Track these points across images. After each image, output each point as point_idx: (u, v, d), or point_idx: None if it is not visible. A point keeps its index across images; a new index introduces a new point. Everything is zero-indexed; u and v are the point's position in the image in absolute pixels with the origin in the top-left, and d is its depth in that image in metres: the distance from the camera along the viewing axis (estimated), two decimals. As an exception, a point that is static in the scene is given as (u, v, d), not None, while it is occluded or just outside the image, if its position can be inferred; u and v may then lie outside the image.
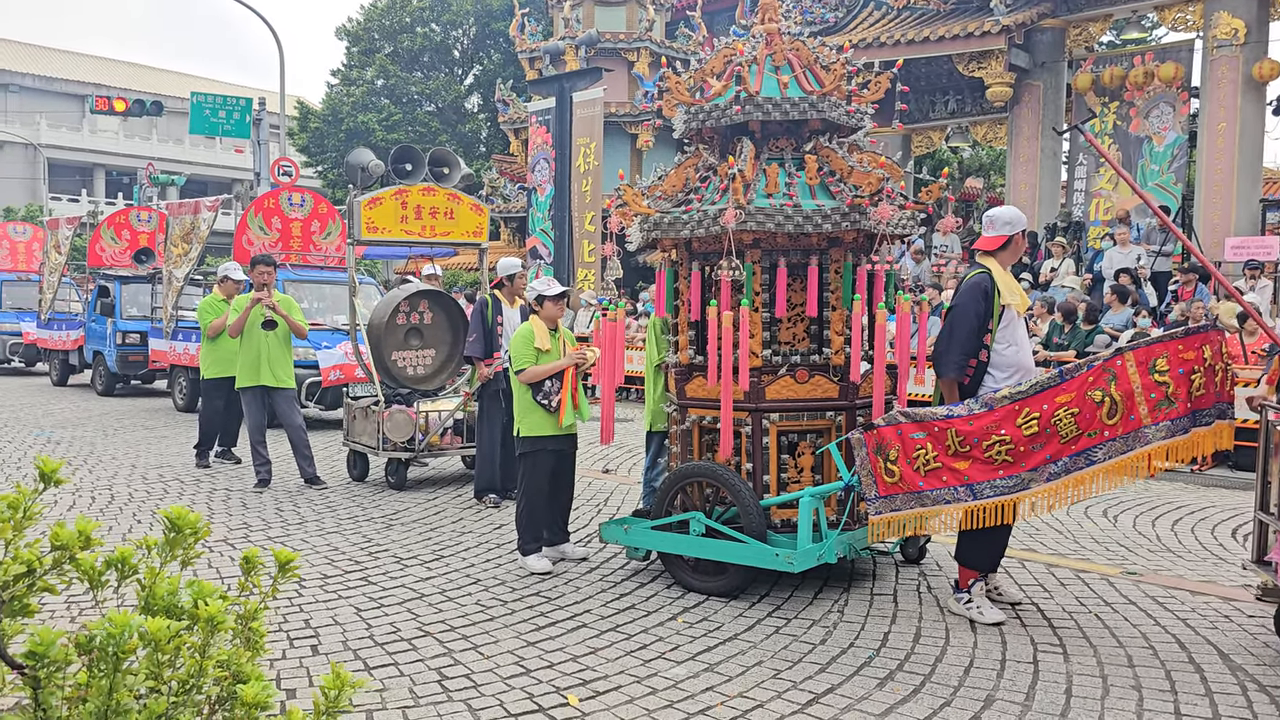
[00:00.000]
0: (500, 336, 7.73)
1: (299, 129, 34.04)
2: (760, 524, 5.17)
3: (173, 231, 14.60)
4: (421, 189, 8.77)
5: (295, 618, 5.03)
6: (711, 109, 5.55)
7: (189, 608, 1.68)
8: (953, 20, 16.78)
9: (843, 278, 5.50)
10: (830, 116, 5.47)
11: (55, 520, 6.85)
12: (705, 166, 5.77)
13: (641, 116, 22.05)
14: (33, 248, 21.22)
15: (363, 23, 34.13)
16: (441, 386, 9.05)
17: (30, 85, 49.93)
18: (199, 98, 22.72)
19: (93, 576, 1.69)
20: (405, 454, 8.33)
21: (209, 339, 9.37)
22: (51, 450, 10.21)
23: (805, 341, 5.62)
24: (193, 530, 1.76)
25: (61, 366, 17.62)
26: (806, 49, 5.72)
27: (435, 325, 9.07)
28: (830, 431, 5.50)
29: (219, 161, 50.49)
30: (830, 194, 5.39)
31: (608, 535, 5.80)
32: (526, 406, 5.97)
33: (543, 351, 5.95)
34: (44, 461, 1.69)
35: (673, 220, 5.48)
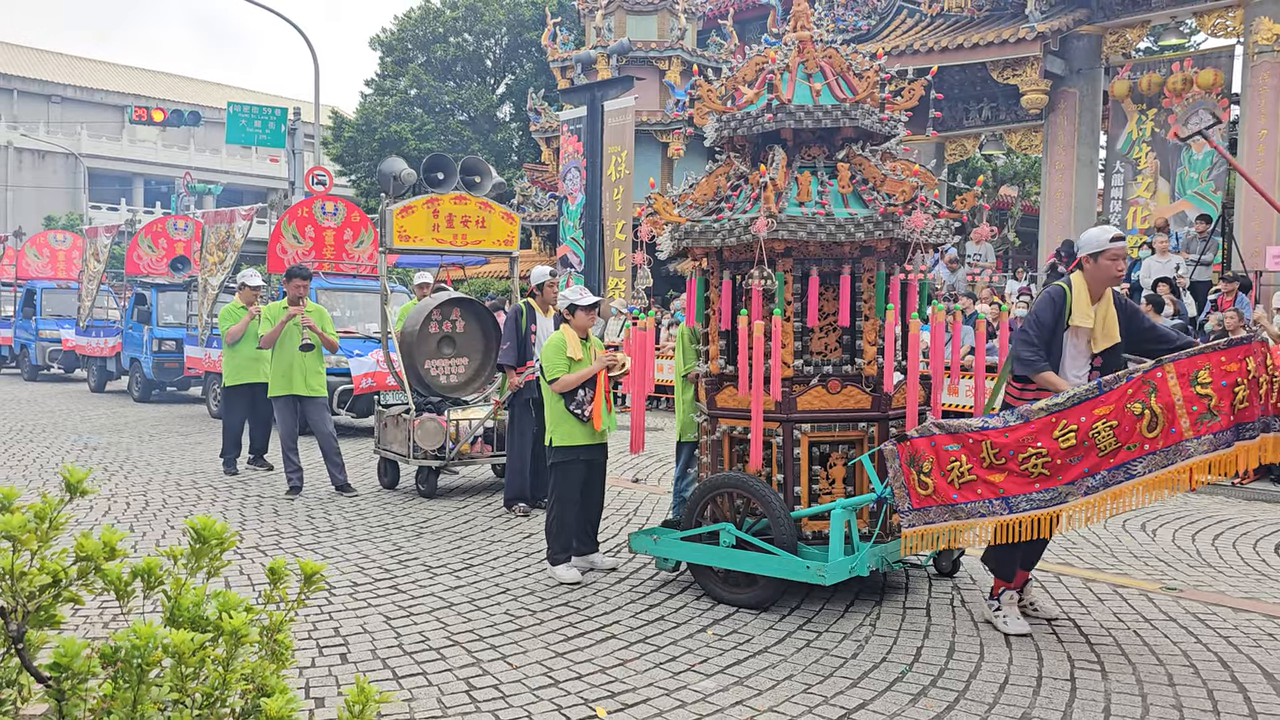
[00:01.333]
0: (534, 345, 7.72)
1: (333, 138, 34.35)
2: (791, 536, 5.11)
3: (208, 240, 14.76)
4: (453, 198, 8.77)
5: (325, 625, 5.04)
6: (743, 117, 5.51)
7: (214, 619, 1.67)
8: (987, 27, 16.64)
9: (875, 287, 5.44)
10: (863, 124, 5.42)
11: (89, 526, 6.92)
12: (736, 175, 5.73)
13: (673, 125, 22.04)
14: (72, 256, 21.55)
15: (396, 33, 34.41)
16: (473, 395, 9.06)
17: (72, 96, 50.89)
18: (235, 108, 23.01)
19: (119, 587, 1.68)
20: (436, 462, 8.33)
21: (229, 346, 9.41)
22: (89, 456, 10.34)
23: (837, 352, 5.56)
24: (219, 540, 1.75)
25: (99, 373, 17.86)
26: (839, 56, 5.67)
27: (468, 334, 9.06)
28: (862, 443, 5.44)
29: (255, 171, 51.12)
30: (863, 202, 5.35)
31: (637, 546, 5.76)
32: (559, 416, 5.95)
33: (575, 361, 5.92)
34: (71, 472, 1.68)
35: (704, 229, 5.46)
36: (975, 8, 17.22)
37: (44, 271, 21.64)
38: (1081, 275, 4.94)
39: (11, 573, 1.50)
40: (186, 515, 7.57)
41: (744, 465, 5.56)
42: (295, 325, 8.41)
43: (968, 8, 17.24)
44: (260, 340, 8.45)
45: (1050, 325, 4.86)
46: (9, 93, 49.24)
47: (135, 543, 6.67)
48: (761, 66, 5.74)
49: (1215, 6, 15.15)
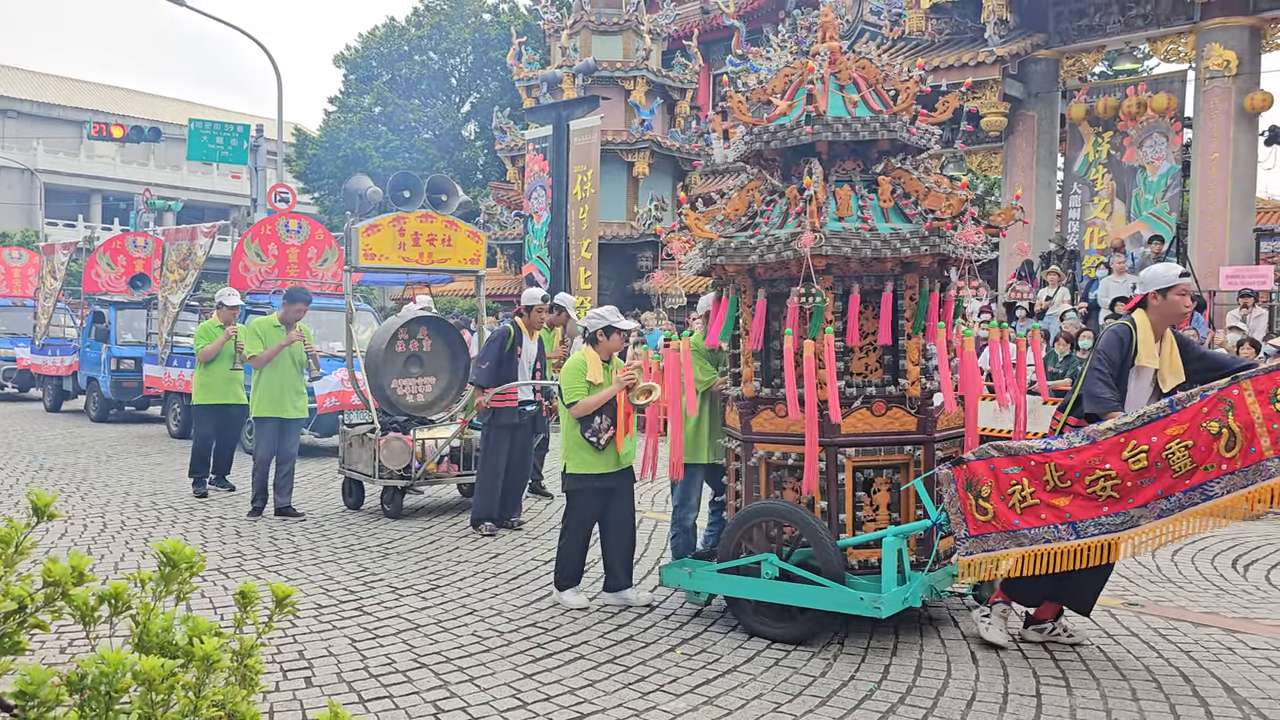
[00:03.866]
0: (517, 368, 7.64)
1: (296, 156, 34.14)
2: (840, 566, 4.88)
3: (169, 257, 14.58)
4: (419, 215, 8.70)
5: (289, 649, 4.97)
6: (776, 129, 5.29)
7: (184, 645, 1.64)
8: (947, 51, 16.90)
9: (918, 304, 5.24)
10: (901, 136, 5.27)
11: (47, 550, 6.77)
12: (769, 190, 5.54)
13: (638, 145, 22.14)
14: (28, 273, 21.18)
15: (361, 50, 34.32)
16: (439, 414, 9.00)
17: (28, 111, 50.07)
18: (197, 124, 22.80)
19: (86, 612, 1.65)
20: (401, 482, 8.24)
21: (202, 364, 9.28)
22: (44, 478, 10.14)
23: (878, 372, 5.35)
24: (188, 564, 1.72)
25: (55, 392, 17.55)
26: (873, 67, 5.51)
27: (435, 353, 8.99)
28: (908, 466, 5.21)
29: (216, 188, 50.59)
30: (905, 217, 5.18)
31: (669, 579, 5.50)
32: (574, 443, 5.70)
33: (594, 385, 5.67)
34: (38, 495, 1.65)
35: (739, 245, 5.20)
36: (935, 31, 17.49)
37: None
38: (1145, 313, 4.83)
39: (-24, 599, 1.47)
40: (146, 537, 7.45)
41: (781, 492, 5.36)
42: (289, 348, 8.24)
43: (928, 31, 17.50)
44: (252, 361, 8.22)
45: (1118, 364, 4.76)
46: (-37, 107, 48.46)
47: (93, 565, 6.51)
48: (790, 78, 5.58)
49: (1168, 33, 15.50)
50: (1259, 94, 14.67)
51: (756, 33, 22.88)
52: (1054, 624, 5.05)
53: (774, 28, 19.69)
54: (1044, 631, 5.05)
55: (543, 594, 6.04)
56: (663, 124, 23.25)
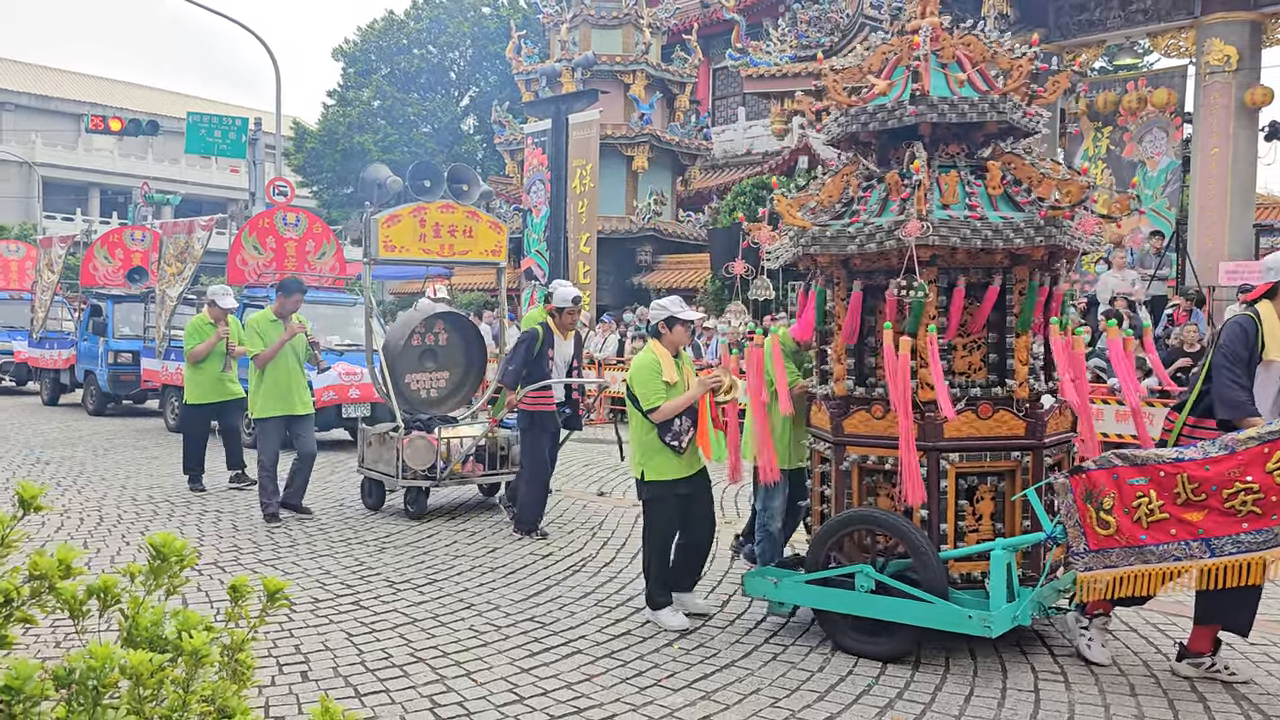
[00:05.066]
0: (550, 370, 7.42)
1: (295, 149, 34.07)
2: (943, 580, 4.56)
3: (166, 251, 14.54)
4: (440, 206, 8.39)
5: (285, 643, 4.95)
6: (875, 110, 4.93)
7: (173, 639, 1.62)
8: (947, 45, 16.86)
9: (1027, 299, 4.89)
10: (1011, 119, 4.89)
11: (42, 543, 6.75)
12: (865, 175, 5.18)
13: (638, 139, 22.10)
14: (25, 266, 21.12)
15: (359, 44, 34.24)
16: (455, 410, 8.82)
17: (26, 104, 49.96)
18: (195, 117, 22.74)
19: (74, 606, 1.63)
20: (426, 482, 7.96)
21: (191, 363, 9.13)
22: (41, 470, 10.12)
23: (982, 372, 4.98)
24: (179, 558, 1.70)
25: (52, 385, 17.51)
26: (979, 44, 5.15)
27: (450, 347, 8.78)
28: (1015, 474, 4.86)
29: (214, 181, 50.53)
30: (1015, 205, 4.84)
31: (753, 589, 5.12)
32: (651, 448, 5.29)
33: (671, 385, 5.25)
34: (24, 487, 1.63)
35: (835, 234, 4.83)
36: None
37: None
38: (1271, 303, 4.52)
39: (-39, 592, 1.44)
40: (143, 531, 7.42)
41: (875, 499, 5.00)
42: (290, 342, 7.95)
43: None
44: (254, 359, 7.85)
45: (1246, 360, 4.44)
46: (-40, 100, 48.37)
47: (89, 559, 6.52)
48: (887, 56, 5.23)
49: (1168, 28, 15.46)
50: (1259, 89, 14.63)
51: (756, 26, 22.85)
52: (1213, 658, 4.54)
53: (774, 21, 19.64)
54: (1201, 666, 4.54)
55: (540, 588, 6.02)
56: (662, 118, 23.21)
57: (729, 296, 18.60)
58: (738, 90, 26.31)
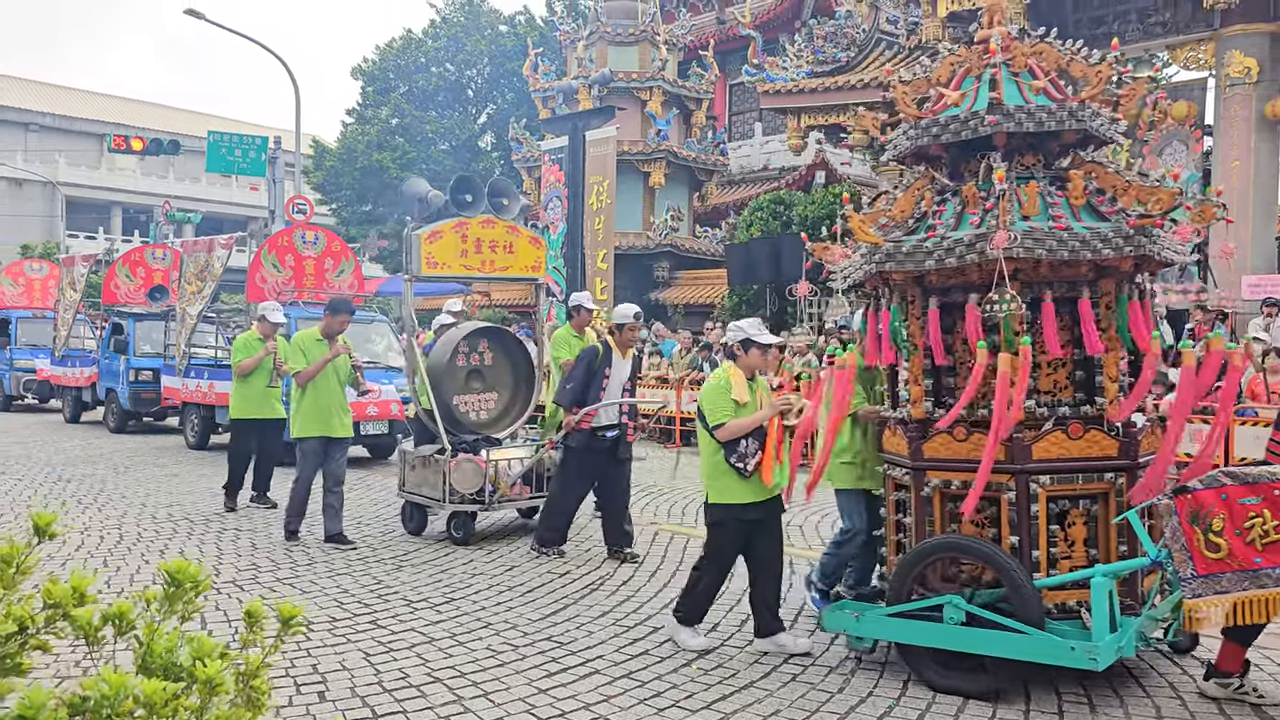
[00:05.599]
0: (604, 390, 7.20)
1: (314, 167, 34.33)
2: (1039, 610, 4.31)
3: (187, 269, 14.67)
4: (481, 221, 8.17)
5: (303, 663, 4.95)
6: (948, 121, 4.80)
7: (188, 666, 1.61)
8: (964, 59, 16.85)
9: (1116, 312, 4.72)
10: (1090, 127, 4.75)
11: (62, 562, 6.77)
12: (938, 189, 5.04)
13: (654, 155, 22.14)
14: (49, 285, 21.35)
15: (378, 63, 34.51)
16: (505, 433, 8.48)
17: (50, 124, 50.61)
18: (216, 136, 22.94)
19: (89, 633, 1.63)
20: (473, 506, 7.68)
21: (239, 378, 9.08)
22: (62, 488, 10.18)
23: (1068, 390, 4.80)
24: (193, 584, 1.69)
25: (74, 403, 17.64)
26: (1053, 52, 4.99)
27: (496, 366, 8.49)
28: (1108, 496, 4.65)
29: (235, 199, 50.96)
30: (1098, 215, 4.67)
31: (833, 624, 4.88)
32: (717, 469, 5.15)
33: (741, 405, 5.11)
34: (39, 515, 1.63)
35: (911, 250, 4.64)
36: (953, 40, 17.42)
37: (19, 300, 21.42)
38: None
39: (-25, 621, 1.44)
40: (162, 550, 7.45)
41: (959, 526, 4.76)
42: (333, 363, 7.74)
43: (945, 40, 17.44)
44: (296, 376, 7.68)
45: None
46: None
47: (109, 578, 6.54)
48: (956, 66, 5.09)
49: (1187, 40, 15.39)
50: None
51: (773, 42, 22.90)
52: (1241, 679, 4.43)
53: (790, 37, 19.67)
54: (1229, 688, 4.41)
55: (558, 607, 6.00)
56: (679, 134, 23.27)
57: (746, 312, 18.57)
58: (754, 106, 26.35)
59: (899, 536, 5.06)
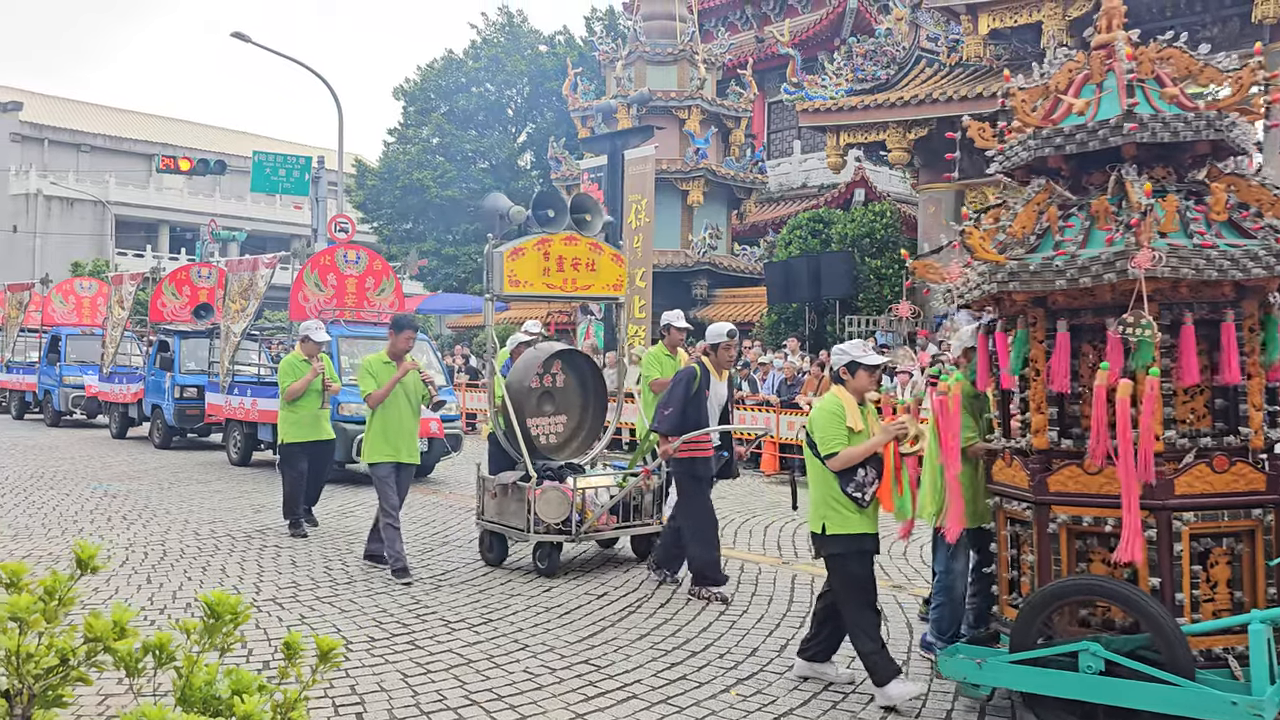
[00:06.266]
0: (705, 411, 6.90)
1: (356, 186, 34.75)
2: (1189, 659, 3.95)
3: (231, 288, 14.88)
4: (564, 238, 7.85)
5: (341, 683, 4.95)
6: (1072, 131, 4.50)
7: (227, 699, 1.61)
8: (1006, 76, 16.70)
9: (1269, 334, 4.44)
10: (1229, 137, 4.46)
11: (106, 578, 6.82)
12: (1062, 204, 4.72)
13: (693, 173, 22.17)
14: (97, 303, 21.76)
15: (419, 83, 34.91)
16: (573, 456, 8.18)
17: (101, 145, 51.78)
18: (261, 156, 23.33)
19: (130, 664, 1.63)
20: (559, 536, 7.36)
21: (287, 403, 8.88)
22: (108, 504, 10.32)
23: (1207, 419, 4.48)
24: (232, 615, 1.69)
25: (121, 419, 17.93)
26: (1185, 57, 4.70)
27: (567, 388, 8.21)
28: (1254, 534, 4.33)
29: (278, 218, 51.71)
30: (1240, 231, 4.38)
31: (951, 670, 4.48)
32: (831, 499, 4.88)
33: (855, 432, 4.88)
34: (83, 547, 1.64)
35: (1039, 269, 4.32)
36: (994, 57, 17.29)
37: (69, 318, 21.84)
38: None
39: (18, 654, 1.44)
40: (204, 566, 7.52)
41: (1088, 565, 4.44)
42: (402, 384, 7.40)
43: (986, 57, 17.31)
44: (368, 398, 7.32)
45: None
46: (40, 142, 50.17)
47: (152, 594, 6.61)
48: (1074, 73, 4.81)
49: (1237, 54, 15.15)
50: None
51: (812, 60, 22.87)
52: None
53: (829, 55, 19.63)
54: None
55: (595, 630, 5.97)
56: (717, 152, 23.29)
57: (785, 331, 18.50)
58: (793, 124, 26.31)
59: (1012, 574, 4.74)
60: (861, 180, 21.57)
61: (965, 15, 17.14)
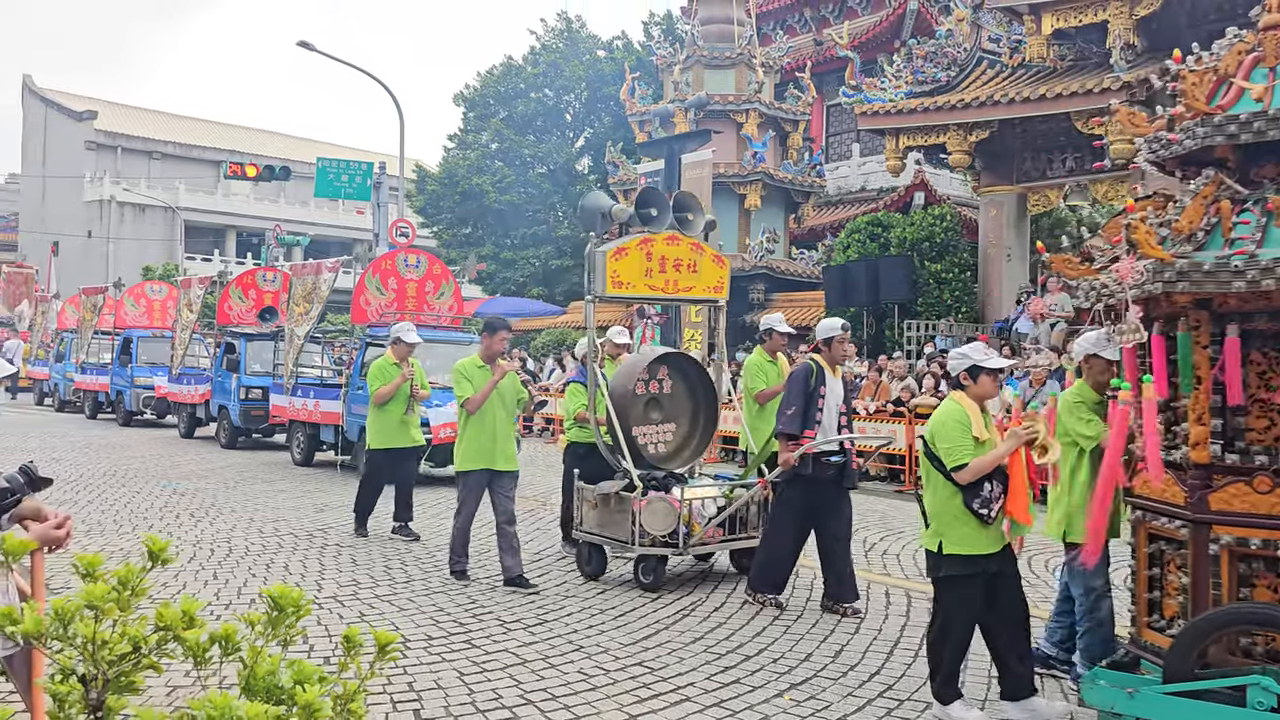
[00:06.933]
0: (820, 410, 6.52)
1: (416, 191, 35.25)
2: None
3: (296, 291, 15.19)
4: (666, 238, 7.60)
5: (399, 680, 5.04)
6: (1250, 119, 4.15)
7: (289, 689, 1.66)
8: (1070, 77, 16.40)
9: None
10: None
11: (175, 573, 7.01)
12: (1234, 198, 4.40)
13: (750, 177, 22.12)
14: (167, 306, 22.35)
15: (479, 89, 35.33)
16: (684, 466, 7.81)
17: (171, 152, 53.25)
18: (324, 162, 23.78)
19: (197, 654, 1.69)
20: (665, 549, 7.02)
21: (377, 406, 8.74)
22: (176, 501, 10.60)
23: None
24: (295, 609, 1.74)
25: (189, 419, 18.39)
26: None
27: (674, 395, 7.86)
28: None
29: (341, 223, 52.68)
30: None
31: (1098, 699, 4.16)
32: (953, 515, 4.54)
33: (980, 441, 4.55)
34: (153, 540, 1.70)
35: (1214, 268, 3.95)
36: (1058, 58, 17.00)
37: (140, 321, 22.48)
38: None
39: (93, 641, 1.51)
40: (268, 563, 7.69)
41: (1252, 590, 4.13)
42: (498, 387, 7.15)
43: (1050, 58, 17.03)
44: (466, 404, 7.07)
45: None
46: (114, 150, 51.75)
47: (218, 590, 6.79)
48: (1243, 55, 4.48)
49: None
50: None
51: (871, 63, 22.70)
52: None
53: (889, 57, 19.46)
54: None
55: (650, 632, 5.99)
56: (775, 156, 23.21)
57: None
58: (852, 127, 26.12)
59: (1153, 594, 4.42)
60: (921, 183, 21.34)
61: (1028, 15, 16.89)
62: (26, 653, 2.83)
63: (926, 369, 14.57)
